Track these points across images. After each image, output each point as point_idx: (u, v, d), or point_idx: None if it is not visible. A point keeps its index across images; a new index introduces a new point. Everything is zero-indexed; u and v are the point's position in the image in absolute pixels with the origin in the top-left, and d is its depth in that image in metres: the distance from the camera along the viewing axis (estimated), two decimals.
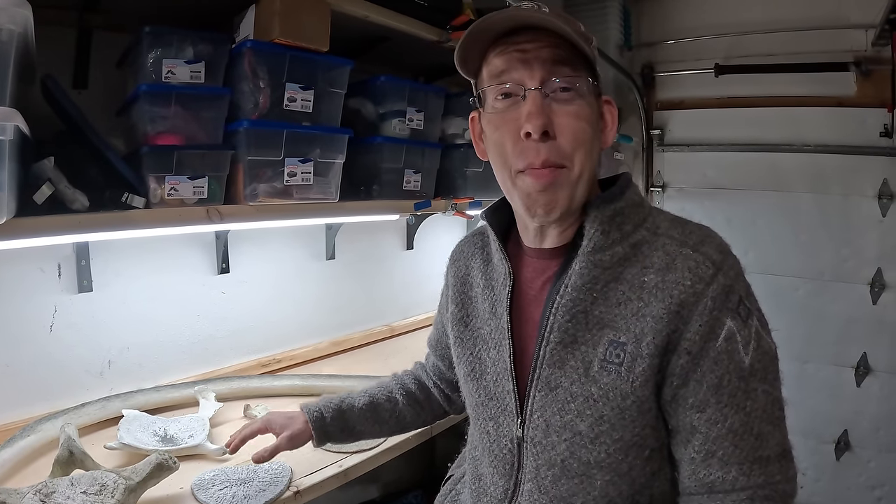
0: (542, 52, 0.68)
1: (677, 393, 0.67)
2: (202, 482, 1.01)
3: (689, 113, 2.51)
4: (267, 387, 1.41)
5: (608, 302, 0.70)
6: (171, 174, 1.00)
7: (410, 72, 1.87)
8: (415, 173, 1.50)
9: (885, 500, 2.16)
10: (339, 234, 1.76)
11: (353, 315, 1.91)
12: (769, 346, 0.68)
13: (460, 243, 0.95)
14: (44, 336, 1.23)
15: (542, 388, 0.72)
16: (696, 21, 2.41)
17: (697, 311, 0.65)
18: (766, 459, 0.65)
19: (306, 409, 0.96)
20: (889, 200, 2.11)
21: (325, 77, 1.19)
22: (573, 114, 0.68)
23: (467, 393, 0.86)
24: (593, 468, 0.69)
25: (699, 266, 0.66)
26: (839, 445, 2.22)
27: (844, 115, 2.15)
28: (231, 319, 1.56)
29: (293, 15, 1.06)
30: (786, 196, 2.30)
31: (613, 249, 0.70)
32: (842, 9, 2.09)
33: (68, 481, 0.91)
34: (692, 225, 0.73)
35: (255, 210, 1.12)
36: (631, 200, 0.73)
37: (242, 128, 1.08)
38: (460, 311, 0.87)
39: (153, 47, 0.98)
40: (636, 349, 0.67)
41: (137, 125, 1.03)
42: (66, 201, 0.97)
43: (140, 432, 1.13)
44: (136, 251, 1.34)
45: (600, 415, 0.68)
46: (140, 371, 1.38)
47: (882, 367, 2.15)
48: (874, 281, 2.15)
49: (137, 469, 0.94)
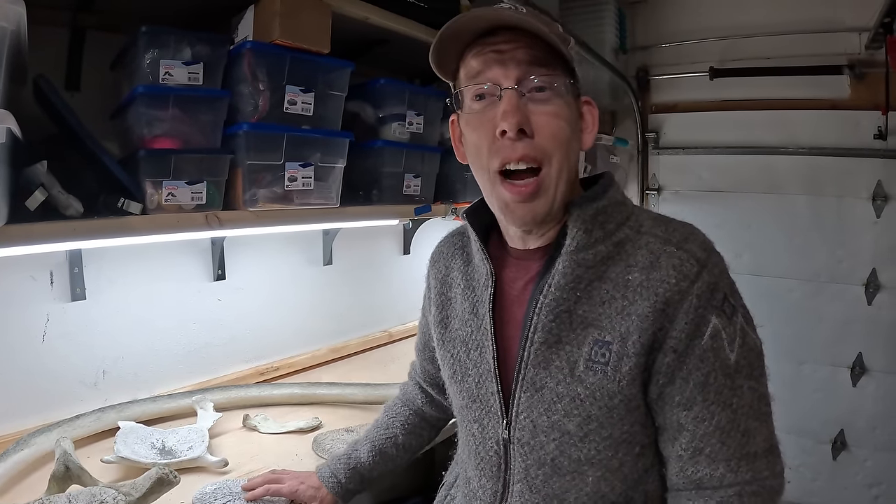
0: (518, 52, 0.68)
1: (664, 391, 0.67)
2: (204, 496, 0.98)
3: (684, 116, 2.54)
4: (266, 396, 1.38)
5: (592, 301, 0.70)
6: (168, 179, 0.97)
7: (406, 74, 1.85)
8: (415, 178, 1.48)
9: (882, 498, 2.19)
10: (335, 240, 1.74)
11: (350, 321, 1.88)
12: (754, 343, 0.68)
13: (440, 244, 0.94)
14: (36, 346, 1.20)
15: (527, 388, 0.72)
16: (690, 24, 2.44)
17: (683, 308, 0.65)
18: (753, 455, 0.65)
19: (323, 479, 0.99)
20: (883, 202, 2.14)
21: (325, 79, 1.17)
22: (550, 112, 0.68)
23: (452, 395, 0.86)
24: (584, 465, 0.69)
25: (683, 264, 0.66)
26: (836, 445, 2.25)
27: (838, 118, 2.19)
28: (227, 327, 1.53)
29: (294, 16, 1.04)
30: (781, 198, 2.34)
31: (597, 248, 0.70)
32: (836, 12, 2.13)
33: (66, 498, 0.87)
34: (675, 223, 0.73)
35: (254, 216, 1.09)
36: (613, 199, 0.73)
37: (242, 131, 1.05)
38: (440, 312, 0.87)
39: (150, 48, 0.96)
40: (622, 348, 0.67)
41: (133, 128, 1.00)
42: (60, 207, 0.93)
43: (137, 445, 1.10)
44: (131, 258, 1.31)
45: (588, 414, 0.68)
46: (135, 381, 1.35)
47: (877, 367, 2.18)
48: (869, 282, 2.18)
49: (137, 484, 0.91)
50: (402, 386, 1.13)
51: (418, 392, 1.07)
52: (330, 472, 0.99)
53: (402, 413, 1.06)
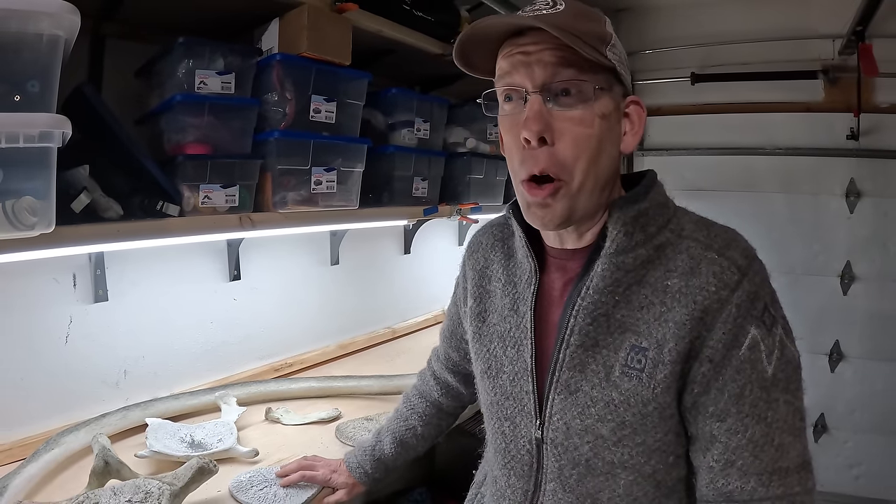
0: (545, 54, 0.65)
1: (697, 400, 0.66)
2: (240, 484, 1.03)
3: (667, 119, 2.60)
4: (284, 390, 1.43)
5: (630, 305, 0.68)
6: (204, 183, 1.02)
7: (408, 82, 1.91)
8: (422, 180, 1.55)
9: (863, 478, 2.29)
10: (342, 241, 1.80)
11: (357, 318, 1.93)
12: (793, 356, 0.66)
13: (478, 234, 0.92)
14: (60, 347, 1.22)
15: (561, 391, 0.71)
16: (672, 32, 2.51)
17: (721, 317, 0.63)
18: (785, 471, 0.63)
19: (351, 469, 1.05)
20: (856, 198, 2.25)
21: (345, 89, 1.23)
22: (574, 119, 0.65)
23: (483, 390, 0.84)
24: (617, 468, 0.69)
25: (724, 271, 0.65)
26: (817, 428, 2.33)
27: (813, 120, 2.29)
28: (243, 325, 1.57)
29: (319, 29, 1.09)
30: (759, 196, 2.42)
31: (637, 252, 0.68)
32: (810, 21, 2.23)
33: (110, 491, 0.91)
34: (718, 227, 0.71)
35: (283, 217, 1.14)
36: (655, 201, 0.71)
37: (273, 138, 1.11)
38: (478, 305, 0.85)
39: (185, 58, 1.00)
40: (658, 355, 0.65)
41: (166, 134, 1.05)
42: (100, 210, 0.97)
43: (168, 439, 1.13)
44: (151, 260, 1.34)
45: (622, 420, 0.67)
46: (155, 379, 1.38)
47: (854, 354, 2.29)
48: (844, 273, 2.28)
49: (179, 474, 0.95)
50: (419, 374, 1.14)
51: (434, 384, 1.08)
52: (357, 463, 1.05)
53: (419, 405, 1.08)
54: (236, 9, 1.13)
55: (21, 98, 0.72)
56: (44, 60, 0.74)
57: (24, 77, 0.72)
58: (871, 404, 2.27)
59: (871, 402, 2.27)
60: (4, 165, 0.71)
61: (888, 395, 2.24)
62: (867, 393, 2.27)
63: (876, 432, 2.26)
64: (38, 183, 0.75)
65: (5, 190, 0.72)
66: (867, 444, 2.28)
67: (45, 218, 0.76)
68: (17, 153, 0.71)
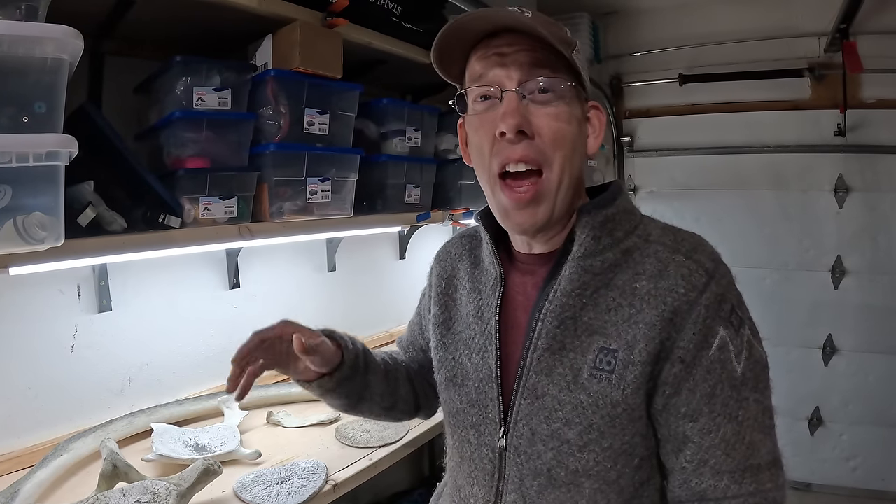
0: (520, 55, 0.67)
1: (669, 402, 0.66)
2: (244, 484, 1.06)
3: (656, 120, 2.65)
4: (285, 394, 1.47)
5: (598, 308, 0.69)
6: (204, 195, 1.06)
7: (399, 91, 1.95)
8: (415, 188, 1.59)
9: (859, 469, 2.31)
10: (339, 248, 1.83)
11: (354, 323, 1.94)
12: (760, 355, 0.68)
13: (447, 244, 0.93)
14: (66, 357, 1.25)
15: (527, 395, 0.70)
16: (660, 34, 2.56)
17: (691, 319, 0.65)
18: (757, 468, 0.65)
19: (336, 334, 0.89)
20: (845, 193, 2.29)
21: (338, 101, 1.27)
22: (552, 115, 0.67)
23: (446, 399, 0.83)
24: (581, 476, 0.68)
25: (692, 274, 0.66)
26: (812, 421, 2.37)
27: (800, 117, 2.33)
28: (243, 332, 1.55)
29: (312, 45, 1.13)
30: (749, 194, 2.46)
31: (604, 255, 0.69)
32: (795, 19, 2.27)
33: (119, 493, 0.95)
34: (684, 233, 0.72)
35: (281, 226, 1.18)
36: (622, 207, 0.73)
37: (269, 150, 1.15)
38: (443, 313, 0.85)
39: (183, 75, 1.04)
40: (628, 356, 0.66)
41: (166, 148, 1.08)
42: (105, 223, 1.01)
43: (173, 443, 1.17)
44: (153, 270, 1.38)
45: (589, 423, 0.67)
46: (159, 386, 1.41)
47: (847, 347, 2.32)
48: (835, 268, 2.32)
49: (185, 476, 0.98)
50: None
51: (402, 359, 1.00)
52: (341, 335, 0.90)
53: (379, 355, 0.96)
54: (230, 26, 1.17)
55: (29, 119, 0.75)
56: (49, 83, 0.77)
57: (32, 99, 0.76)
58: (865, 397, 2.30)
59: (865, 394, 2.30)
60: (15, 183, 0.75)
61: (882, 387, 2.27)
62: (861, 385, 2.30)
63: (871, 424, 2.29)
64: (47, 199, 0.78)
65: (16, 206, 0.75)
66: (863, 436, 2.31)
67: (54, 232, 0.80)
68: (26, 171, 0.75)
